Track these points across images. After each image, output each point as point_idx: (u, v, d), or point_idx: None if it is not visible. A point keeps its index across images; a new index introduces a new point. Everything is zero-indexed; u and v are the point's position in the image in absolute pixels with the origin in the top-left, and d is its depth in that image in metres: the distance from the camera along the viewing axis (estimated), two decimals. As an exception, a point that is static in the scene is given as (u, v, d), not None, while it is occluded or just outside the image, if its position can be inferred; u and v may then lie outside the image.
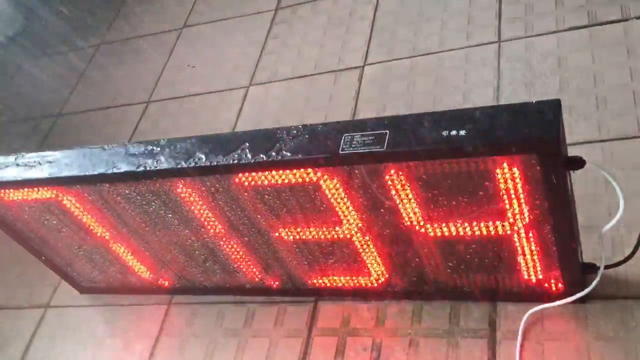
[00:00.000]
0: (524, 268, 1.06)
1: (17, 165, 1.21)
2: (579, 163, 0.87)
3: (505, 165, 0.88)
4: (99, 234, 1.30)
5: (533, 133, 0.83)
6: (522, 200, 0.93)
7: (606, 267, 1.07)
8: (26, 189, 1.21)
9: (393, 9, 1.83)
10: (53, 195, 1.21)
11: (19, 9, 2.47)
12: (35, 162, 1.19)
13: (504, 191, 0.92)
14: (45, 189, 1.20)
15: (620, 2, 1.51)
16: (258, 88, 1.84)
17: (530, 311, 1.10)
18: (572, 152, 1.27)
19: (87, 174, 1.12)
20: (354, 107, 1.62)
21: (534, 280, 1.08)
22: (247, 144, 1.01)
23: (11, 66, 2.38)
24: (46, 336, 1.51)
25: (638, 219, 1.12)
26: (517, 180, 0.90)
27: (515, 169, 0.88)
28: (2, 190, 1.23)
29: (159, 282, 1.41)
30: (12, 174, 1.20)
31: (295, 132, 0.99)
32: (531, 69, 1.49)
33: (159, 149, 1.09)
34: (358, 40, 1.80)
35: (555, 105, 0.85)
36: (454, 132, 0.87)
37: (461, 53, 1.61)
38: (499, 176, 0.90)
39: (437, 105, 1.52)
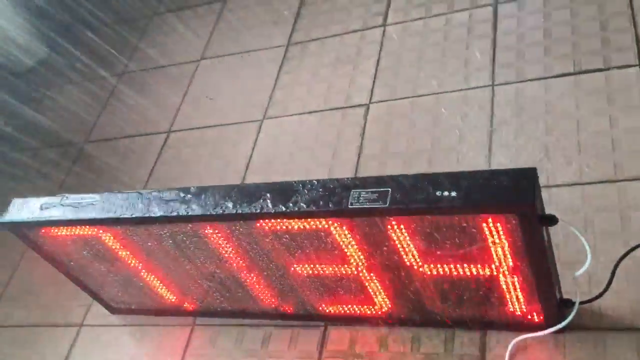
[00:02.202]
0: (509, 302, 1.21)
1: (62, 205, 1.37)
2: (551, 220, 1.02)
3: (490, 220, 1.03)
4: (131, 265, 1.46)
5: (512, 197, 0.98)
6: (506, 249, 1.09)
7: (582, 302, 1.22)
8: (70, 227, 1.37)
9: (396, 50, 1.98)
10: (93, 233, 1.37)
11: (42, 39, 2.63)
12: (77, 203, 1.35)
13: (490, 241, 1.08)
14: (87, 227, 1.35)
15: (603, 53, 1.66)
16: (271, 122, 2.00)
17: (516, 339, 1.25)
18: (555, 193, 1.44)
19: (127, 217, 1.27)
20: (360, 144, 1.77)
21: (518, 313, 1.24)
22: (269, 195, 1.17)
23: (36, 95, 2.54)
24: (81, 353, 1.67)
25: (612, 259, 1.27)
26: (501, 233, 1.05)
27: (498, 224, 1.04)
28: (48, 228, 1.39)
29: (184, 305, 1.57)
30: (57, 213, 1.36)
31: (310, 186, 1.14)
32: (521, 112, 1.64)
33: (190, 196, 1.24)
34: (364, 78, 1.95)
35: (532, 173, 1.00)
36: (446, 193, 1.03)
37: (458, 95, 1.76)
38: (485, 229, 1.05)
39: (435, 145, 1.67)
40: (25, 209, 1.41)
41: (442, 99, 1.78)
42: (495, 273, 1.15)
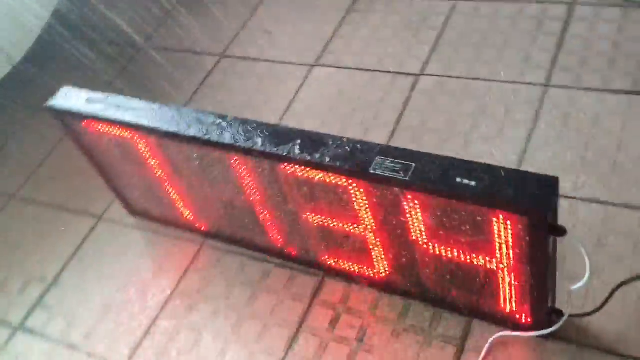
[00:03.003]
0: (502, 297, 1.25)
1: (107, 103, 1.42)
2: (560, 231, 1.04)
3: (501, 217, 1.06)
4: (157, 174, 1.52)
5: (527, 200, 1.00)
6: (510, 246, 1.11)
7: (572, 315, 1.25)
8: (108, 125, 1.43)
9: (461, 27, 1.96)
10: (128, 136, 1.43)
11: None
12: (121, 105, 1.41)
13: (496, 235, 1.10)
14: (124, 129, 1.41)
15: (667, 78, 1.62)
16: (322, 70, 2.01)
17: (499, 334, 1.29)
18: (578, 206, 1.44)
19: (162, 128, 1.33)
20: (401, 113, 1.78)
21: (507, 310, 1.27)
22: (299, 142, 1.20)
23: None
24: (94, 243, 1.76)
25: (614, 282, 1.28)
26: (509, 230, 1.07)
27: (508, 222, 1.06)
28: (89, 121, 1.45)
29: (197, 224, 1.64)
30: (100, 109, 1.42)
31: (339, 143, 1.17)
32: (567, 119, 1.63)
33: (225, 124, 1.29)
34: (422, 48, 1.95)
35: (553, 182, 1.01)
36: (466, 181, 1.05)
37: (510, 87, 1.75)
38: (495, 224, 1.08)
39: (473, 131, 1.67)
40: (72, 98, 1.48)
41: (493, 87, 1.77)
42: (494, 267, 1.17)
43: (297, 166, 1.21)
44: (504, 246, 1.12)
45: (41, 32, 2.26)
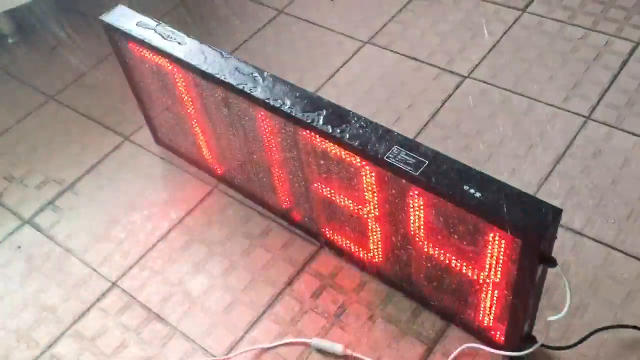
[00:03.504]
0: (481, 310, 1.26)
1: (155, 32, 1.46)
2: (550, 262, 1.05)
3: (497, 234, 1.07)
4: (188, 110, 1.56)
5: (526, 225, 1.01)
6: (500, 264, 1.12)
7: (545, 345, 1.26)
8: (153, 53, 1.47)
9: (519, 39, 1.94)
10: (169, 68, 1.47)
11: None
12: (169, 36, 1.44)
13: (489, 250, 1.12)
14: (166, 60, 1.45)
15: None
16: (372, 48, 2.01)
17: (470, 344, 1.31)
18: (584, 242, 1.44)
19: (201, 68, 1.36)
20: (437, 109, 1.79)
21: (484, 323, 1.29)
22: (325, 112, 1.22)
23: None
24: (114, 160, 1.82)
25: (596, 325, 1.29)
26: (502, 249, 1.09)
27: (503, 241, 1.07)
28: (134, 43, 1.50)
29: (214, 166, 1.68)
30: (148, 35, 1.45)
31: (363, 123, 1.19)
32: (598, 155, 1.61)
33: (261, 79, 1.31)
34: (475, 51, 1.93)
35: (556, 213, 1.02)
36: (472, 191, 1.06)
37: (551, 110, 1.73)
38: (490, 238, 1.09)
39: (503, 145, 1.67)
40: (124, 18, 1.51)
41: (534, 106, 1.75)
42: (481, 279, 1.19)
43: (317, 135, 1.23)
44: (494, 262, 1.13)
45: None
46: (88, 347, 1.42)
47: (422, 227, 1.21)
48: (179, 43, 1.43)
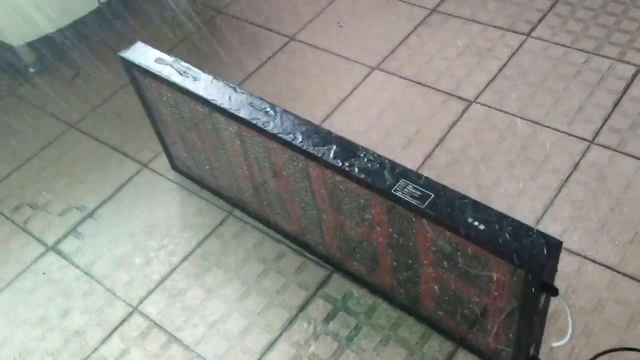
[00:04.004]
0: (490, 335, 1.31)
1: (172, 67, 1.53)
2: (552, 290, 1.09)
3: (501, 264, 1.12)
4: (204, 140, 1.63)
5: (529, 257, 1.06)
6: (505, 292, 1.17)
7: (550, 368, 1.31)
8: (169, 88, 1.54)
9: (525, 64, 1.99)
10: (185, 101, 1.53)
11: None
12: (185, 72, 1.51)
13: (494, 279, 1.17)
14: (183, 94, 1.52)
15: None
16: (381, 74, 2.07)
17: (478, 367, 1.36)
18: (587, 267, 1.48)
19: (216, 103, 1.42)
20: (444, 135, 1.84)
21: (492, 347, 1.33)
22: (334, 147, 1.28)
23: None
24: (133, 186, 1.89)
25: (600, 348, 1.34)
26: (506, 277, 1.14)
27: (507, 270, 1.12)
28: (153, 79, 1.57)
29: (230, 195, 1.74)
30: (166, 72, 1.52)
31: (371, 157, 1.25)
32: (602, 179, 1.66)
33: (273, 113, 1.37)
34: (481, 76, 1.99)
35: (557, 245, 1.07)
36: (476, 223, 1.11)
37: (555, 134, 1.78)
38: (495, 267, 1.14)
39: (508, 169, 1.72)
40: (143, 54, 1.59)
41: (539, 130, 1.80)
42: (488, 306, 1.24)
43: (327, 169, 1.29)
44: (499, 290, 1.18)
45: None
46: (111, 371, 1.49)
47: (429, 254, 1.26)
48: (195, 79, 1.49)
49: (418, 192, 1.18)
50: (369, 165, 1.24)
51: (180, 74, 1.52)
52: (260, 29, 2.34)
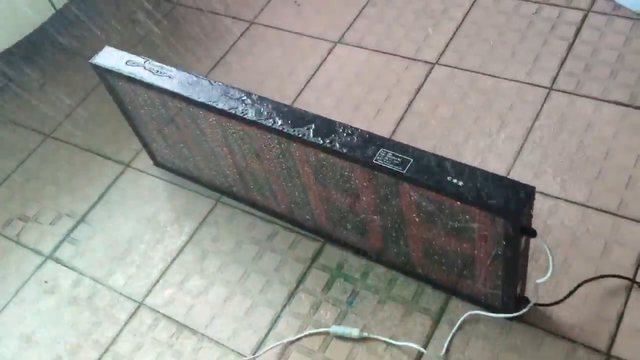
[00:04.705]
0: (478, 281, 1.41)
1: (145, 68, 1.57)
2: (531, 233, 1.19)
3: (481, 215, 1.21)
4: (184, 134, 1.68)
5: (505, 204, 1.15)
6: (488, 240, 1.27)
7: (537, 304, 1.42)
8: (144, 88, 1.58)
9: (480, 21, 2.07)
10: (164, 99, 1.58)
11: None
12: (158, 71, 1.55)
13: (477, 229, 1.26)
14: (160, 94, 1.56)
15: (661, 96, 1.74)
16: (344, 47, 2.13)
17: (472, 312, 1.46)
18: (561, 206, 1.59)
19: (194, 98, 1.47)
20: (412, 99, 1.92)
21: (482, 292, 1.44)
22: (313, 126, 1.35)
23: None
24: (119, 188, 1.93)
25: (580, 279, 1.45)
26: (487, 226, 1.23)
27: (487, 220, 1.21)
28: (127, 81, 1.60)
29: (216, 182, 1.80)
30: (139, 73, 1.56)
31: (349, 132, 1.32)
32: (565, 122, 1.76)
33: (250, 101, 1.43)
34: (440, 38, 2.06)
35: (530, 190, 1.16)
36: (455, 180, 1.20)
37: (516, 85, 1.87)
38: (476, 219, 1.23)
39: (477, 123, 1.81)
40: (113, 58, 1.62)
41: (501, 83, 1.89)
42: (474, 255, 1.34)
43: (309, 147, 1.36)
44: (482, 239, 1.28)
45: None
46: (128, 365, 1.56)
47: (415, 215, 1.35)
48: (169, 77, 1.54)
49: (398, 159, 1.26)
50: (349, 139, 1.31)
51: (154, 74, 1.56)
52: (219, 17, 2.37)
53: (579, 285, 1.44)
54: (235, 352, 1.52)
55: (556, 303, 1.42)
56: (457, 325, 1.45)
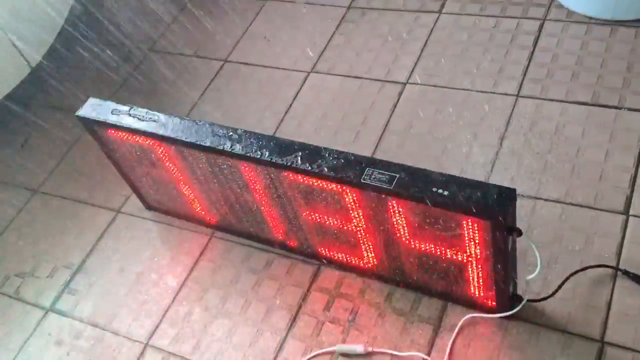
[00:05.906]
0: (471, 285, 1.48)
1: (130, 115, 1.62)
2: (517, 232, 1.26)
3: (469, 221, 1.28)
4: (173, 175, 1.73)
5: (489, 207, 1.22)
6: (477, 244, 1.33)
7: (530, 300, 1.49)
8: (132, 135, 1.63)
9: (443, 39, 2.17)
10: (149, 144, 1.63)
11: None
12: (143, 117, 1.61)
13: (466, 235, 1.33)
14: (146, 138, 1.61)
15: (621, 92, 1.84)
16: (317, 76, 2.22)
17: (469, 315, 1.52)
18: (541, 205, 1.66)
19: (182, 139, 1.53)
20: (388, 118, 2.00)
21: (477, 295, 1.50)
22: (300, 154, 1.41)
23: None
24: (114, 234, 1.97)
25: (567, 272, 1.52)
26: (475, 231, 1.30)
27: (475, 225, 1.28)
28: (115, 130, 1.65)
29: (208, 218, 1.85)
30: (126, 121, 1.61)
31: (335, 155, 1.39)
32: (534, 126, 1.85)
33: (236, 136, 1.49)
34: (408, 58, 2.15)
35: (512, 192, 1.24)
36: (440, 191, 1.27)
37: (484, 96, 1.97)
38: (464, 226, 1.30)
39: (453, 136, 1.89)
40: (98, 109, 1.67)
41: (470, 96, 1.98)
42: (465, 260, 1.40)
43: (298, 174, 1.42)
44: (472, 243, 1.34)
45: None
46: (141, 406, 1.58)
47: (405, 229, 1.41)
48: (155, 121, 1.59)
49: (384, 176, 1.32)
50: (335, 162, 1.38)
51: (140, 120, 1.61)
52: (192, 58, 2.44)
53: (567, 279, 1.51)
54: (246, 381, 1.56)
55: (548, 297, 1.49)
56: (456, 330, 1.51)
